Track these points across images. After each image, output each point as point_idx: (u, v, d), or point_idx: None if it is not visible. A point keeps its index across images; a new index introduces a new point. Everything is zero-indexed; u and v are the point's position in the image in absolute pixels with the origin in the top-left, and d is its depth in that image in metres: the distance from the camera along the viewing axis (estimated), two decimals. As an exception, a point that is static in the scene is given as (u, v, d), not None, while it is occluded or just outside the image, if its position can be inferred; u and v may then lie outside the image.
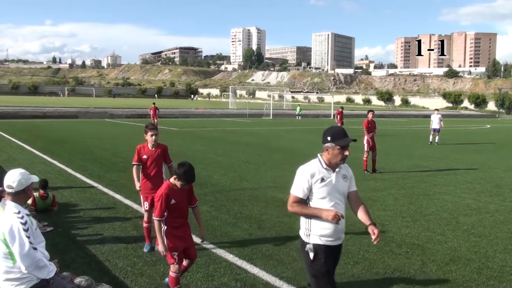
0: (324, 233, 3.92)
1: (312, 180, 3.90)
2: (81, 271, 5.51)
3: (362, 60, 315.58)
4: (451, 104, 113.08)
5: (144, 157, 6.75)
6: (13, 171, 4.24)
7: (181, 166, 4.87)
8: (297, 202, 3.94)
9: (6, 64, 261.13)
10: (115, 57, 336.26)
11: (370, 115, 15.12)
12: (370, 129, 14.88)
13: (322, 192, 3.92)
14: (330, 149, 3.95)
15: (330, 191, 3.94)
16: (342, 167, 4.09)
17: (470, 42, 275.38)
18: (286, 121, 47.18)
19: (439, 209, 9.65)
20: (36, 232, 4.17)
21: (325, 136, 4.00)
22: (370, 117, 15.00)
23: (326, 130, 4.07)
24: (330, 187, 3.94)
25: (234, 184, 11.87)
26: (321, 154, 4.04)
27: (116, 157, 16.53)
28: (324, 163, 3.98)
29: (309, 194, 3.94)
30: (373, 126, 15.02)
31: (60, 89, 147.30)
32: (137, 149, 6.88)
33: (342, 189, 4.05)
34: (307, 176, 3.91)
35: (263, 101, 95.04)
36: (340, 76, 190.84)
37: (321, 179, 3.91)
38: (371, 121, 14.98)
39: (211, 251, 6.68)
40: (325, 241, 3.93)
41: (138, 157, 6.83)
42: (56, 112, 44.84)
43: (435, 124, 24.78)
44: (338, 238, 4.03)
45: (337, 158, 3.96)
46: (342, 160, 3.99)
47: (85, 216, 8.62)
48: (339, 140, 3.94)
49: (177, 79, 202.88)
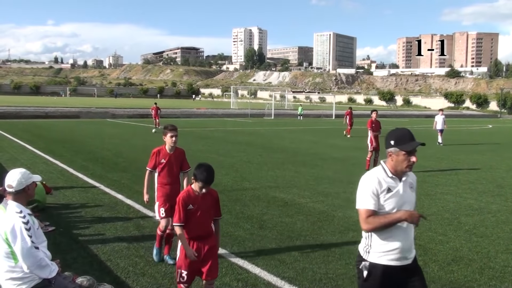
0: (387, 250, 3.46)
1: (379, 190, 3.44)
2: (83, 271, 5.51)
3: (364, 60, 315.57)
4: (453, 104, 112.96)
5: (161, 161, 6.26)
6: (13, 171, 4.27)
7: (199, 166, 4.48)
8: (371, 216, 3.42)
9: (8, 64, 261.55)
10: (116, 57, 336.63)
11: (374, 114, 15.15)
12: (374, 129, 14.88)
13: (389, 204, 3.44)
14: (394, 154, 3.48)
15: (398, 203, 3.46)
16: (409, 175, 3.61)
17: (472, 42, 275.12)
18: (288, 121, 47.17)
19: (441, 209, 9.65)
20: (38, 232, 4.18)
21: (388, 140, 3.52)
22: (374, 117, 15.03)
23: (389, 133, 3.57)
24: (398, 199, 3.47)
25: (235, 184, 11.88)
26: (385, 161, 3.59)
27: (117, 157, 16.55)
28: (389, 171, 3.52)
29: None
30: (378, 125, 15.00)
31: (62, 89, 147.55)
32: (153, 153, 6.34)
33: (410, 200, 3.57)
34: (373, 185, 3.45)
35: (265, 101, 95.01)
36: (342, 76, 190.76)
37: (387, 189, 3.45)
38: (375, 121, 14.99)
39: (213, 251, 6.68)
40: (386, 260, 3.47)
41: (154, 162, 6.30)
42: (58, 112, 44.90)
43: (439, 124, 24.71)
44: (404, 258, 3.52)
45: (403, 165, 3.46)
46: (408, 167, 3.49)
47: (86, 216, 8.63)
48: (404, 145, 3.45)
49: (178, 79, 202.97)
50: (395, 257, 3.48)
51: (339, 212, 9.16)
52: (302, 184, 12.05)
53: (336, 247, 6.96)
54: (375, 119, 15.00)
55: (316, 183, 12.23)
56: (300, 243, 7.11)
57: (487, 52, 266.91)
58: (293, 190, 11.21)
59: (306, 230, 7.87)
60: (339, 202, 9.99)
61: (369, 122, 15.00)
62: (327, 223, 8.36)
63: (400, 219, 3.39)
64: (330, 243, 7.14)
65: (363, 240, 3.61)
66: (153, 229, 7.77)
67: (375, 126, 14.91)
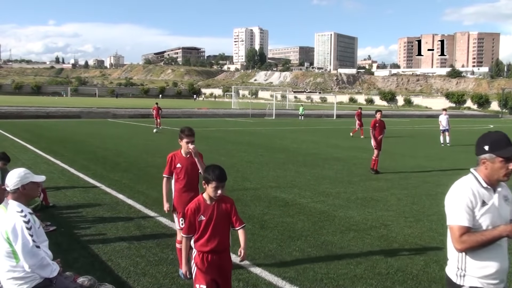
0: (485, 273, 3.01)
1: (473, 203, 3.01)
2: (84, 271, 5.52)
3: (365, 60, 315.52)
4: (454, 104, 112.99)
5: (177, 165, 5.89)
6: (12, 171, 4.31)
7: (208, 167, 4.14)
8: (465, 233, 2.96)
9: (9, 64, 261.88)
10: (118, 57, 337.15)
11: (378, 115, 14.97)
12: (377, 129, 14.71)
13: (484, 220, 3.00)
14: (488, 161, 3.04)
15: (493, 218, 3.01)
16: (503, 185, 3.16)
17: (473, 42, 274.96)
18: (289, 121, 47.16)
19: (442, 209, 9.55)
20: (39, 231, 4.19)
21: (481, 145, 3.11)
22: (378, 117, 14.85)
23: (482, 138, 3.15)
24: (494, 213, 3.02)
25: (236, 184, 11.87)
26: (476, 168, 3.15)
27: (118, 157, 16.56)
28: (482, 181, 3.07)
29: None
30: (382, 126, 14.82)
31: (63, 89, 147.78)
32: (169, 158, 5.99)
33: (505, 215, 3.10)
34: (468, 197, 3.01)
35: (266, 101, 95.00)
36: (343, 76, 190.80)
37: (482, 202, 3.01)
38: (379, 121, 14.81)
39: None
40: (486, 284, 3.03)
41: (169, 167, 5.94)
42: (59, 112, 44.96)
43: (444, 124, 24.65)
44: (501, 281, 3.09)
45: (500, 173, 3.01)
46: (506, 176, 3.03)
47: (88, 216, 8.64)
48: (501, 150, 3.00)
49: (179, 79, 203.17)
50: (494, 281, 3.04)
51: (340, 212, 9.16)
52: (303, 184, 12.05)
53: (337, 247, 6.96)
54: (380, 119, 14.85)
55: (317, 183, 12.23)
56: (301, 243, 7.11)
57: (488, 52, 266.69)
58: (294, 190, 11.21)
59: (307, 230, 7.87)
60: (340, 202, 9.99)
61: (373, 122, 14.88)
62: (328, 223, 8.35)
63: (501, 235, 2.94)
64: (331, 243, 7.14)
65: (453, 262, 3.15)
66: (154, 229, 7.79)
67: (379, 126, 14.73)
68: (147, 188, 11.08)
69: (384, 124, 15.02)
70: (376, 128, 14.73)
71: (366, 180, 12.89)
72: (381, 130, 14.79)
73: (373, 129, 14.79)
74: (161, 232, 7.59)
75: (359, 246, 7.03)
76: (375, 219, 8.70)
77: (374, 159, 14.35)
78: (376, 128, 14.73)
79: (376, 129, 14.72)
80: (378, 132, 14.74)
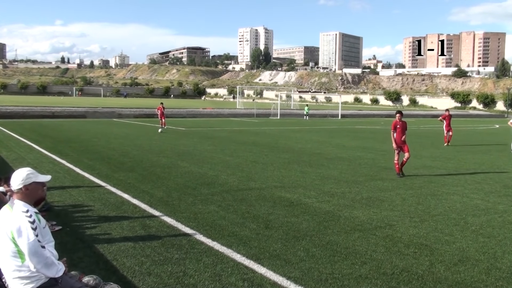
0: None
1: None
2: (89, 270, 5.53)
3: (370, 60, 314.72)
4: (460, 104, 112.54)
5: None
6: (17, 171, 4.32)
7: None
8: None
9: (15, 64, 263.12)
10: (123, 57, 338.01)
11: (398, 116, 14.15)
12: (398, 131, 13.91)
13: None
14: None
15: None
16: None
17: (478, 41, 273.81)
18: (294, 121, 47.12)
19: (447, 210, 9.60)
20: (44, 231, 4.20)
21: None
22: (398, 118, 14.03)
23: None
24: None
25: (241, 184, 11.87)
26: None
27: (124, 156, 16.59)
28: None
29: None
30: (403, 127, 13.98)
31: (69, 89, 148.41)
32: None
33: None
34: None
35: (271, 101, 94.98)
36: (348, 76, 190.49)
37: None
38: (401, 122, 13.99)
39: (219, 250, 6.68)
40: None
41: None
42: (64, 112, 45.17)
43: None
44: None
45: None
46: None
47: (93, 216, 8.66)
48: None
49: (184, 79, 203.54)
50: None
51: (345, 212, 9.14)
52: (308, 184, 12.03)
53: (342, 247, 6.94)
54: (400, 120, 14.01)
55: (322, 183, 12.21)
56: (306, 243, 7.10)
57: (494, 51, 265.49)
58: (299, 190, 11.20)
59: (312, 230, 7.85)
60: (345, 202, 9.97)
61: (393, 124, 14.10)
62: (333, 223, 8.34)
63: None
64: (336, 243, 7.12)
65: None
66: (159, 229, 7.80)
67: (400, 127, 13.92)
68: (152, 187, 11.10)
69: (406, 125, 14.18)
70: (396, 129, 13.94)
71: (371, 180, 12.86)
72: (402, 131, 13.96)
73: (393, 131, 14.02)
74: (166, 232, 7.59)
75: (364, 246, 7.01)
76: (380, 219, 8.68)
77: (397, 163, 13.70)
78: (397, 129, 13.93)
79: (397, 131, 13.93)
80: (400, 134, 13.91)
